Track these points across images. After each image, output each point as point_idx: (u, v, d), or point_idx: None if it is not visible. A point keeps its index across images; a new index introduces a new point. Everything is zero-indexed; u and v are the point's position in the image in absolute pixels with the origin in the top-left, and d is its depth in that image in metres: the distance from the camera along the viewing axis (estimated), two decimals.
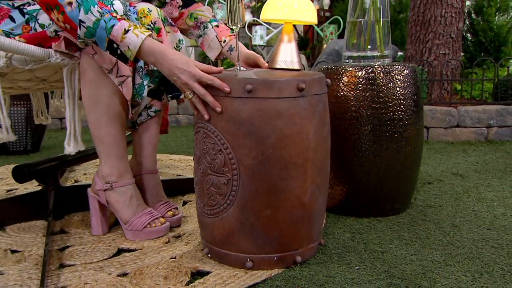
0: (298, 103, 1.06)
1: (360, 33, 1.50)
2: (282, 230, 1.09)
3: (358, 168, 1.44)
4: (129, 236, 1.26)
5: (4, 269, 1.11)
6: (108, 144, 1.24)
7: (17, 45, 1.09)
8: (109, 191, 1.26)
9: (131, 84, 1.20)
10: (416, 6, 3.17)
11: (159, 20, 1.27)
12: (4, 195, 1.66)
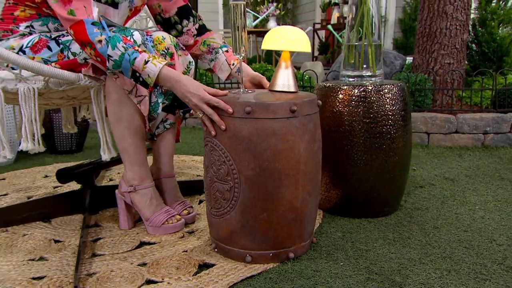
0: (291, 122, 1.15)
1: (355, 55, 1.57)
2: (276, 230, 1.19)
3: (351, 175, 1.52)
4: (150, 231, 1.38)
5: (48, 256, 1.25)
6: (131, 154, 1.36)
7: (53, 71, 1.23)
8: (132, 193, 1.38)
9: (148, 102, 1.31)
10: (423, 19, 3.18)
11: (172, 46, 1.37)
12: (52, 191, 1.81)
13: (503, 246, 1.31)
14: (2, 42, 1.31)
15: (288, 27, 1.24)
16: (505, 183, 1.90)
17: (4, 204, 1.66)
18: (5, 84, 1.24)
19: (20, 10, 1.34)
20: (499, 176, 2.01)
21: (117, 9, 1.38)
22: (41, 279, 1.12)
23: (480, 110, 2.71)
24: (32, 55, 1.29)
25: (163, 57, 1.33)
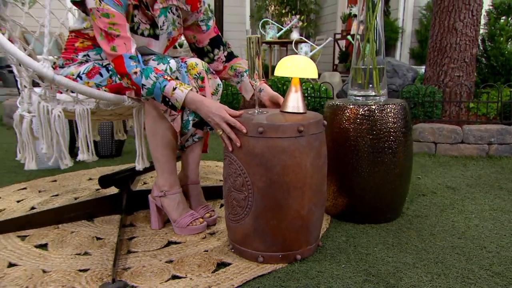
0: (298, 141, 1.23)
1: (361, 77, 1.63)
2: (285, 235, 1.27)
3: (356, 185, 1.58)
4: (176, 231, 1.49)
5: (91, 251, 1.37)
6: (163, 163, 1.48)
7: (103, 94, 1.36)
8: (163, 197, 1.50)
9: (179, 120, 1.42)
10: (435, 34, 3.19)
11: (203, 70, 1.48)
12: (94, 193, 1.95)
13: (492, 253, 1.35)
14: (64, 69, 1.46)
15: (298, 57, 1.33)
16: (503, 193, 1.92)
17: (56, 204, 1.80)
18: (65, 105, 1.39)
19: (79, 42, 1.48)
20: (498, 185, 2.02)
21: (158, 40, 1.50)
22: (85, 271, 1.24)
23: (487, 122, 2.70)
24: (87, 80, 1.42)
25: (194, 81, 1.44)
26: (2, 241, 1.44)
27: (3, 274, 1.23)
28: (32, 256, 1.34)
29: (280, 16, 8.91)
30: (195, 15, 1.58)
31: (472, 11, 3.02)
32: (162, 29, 1.48)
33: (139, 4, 1.39)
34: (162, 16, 1.47)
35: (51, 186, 2.05)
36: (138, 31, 1.43)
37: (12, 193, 1.93)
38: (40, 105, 1.36)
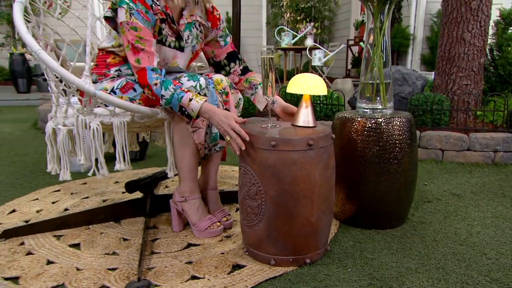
0: (308, 154, 1.28)
1: (369, 91, 1.67)
2: (295, 241, 1.32)
3: (363, 192, 1.62)
4: (196, 234, 1.55)
5: (119, 251, 1.44)
6: (186, 171, 1.54)
7: (139, 108, 1.44)
8: (183, 202, 1.56)
9: (202, 133, 1.48)
10: (443, 44, 3.18)
11: (227, 86, 1.54)
12: (121, 196, 2.03)
13: (492, 259, 1.38)
14: (97, 84, 1.52)
15: (309, 75, 1.37)
16: (506, 200, 1.92)
17: (86, 205, 1.89)
18: (102, 118, 1.46)
19: (111, 58, 1.56)
20: (502, 193, 2.03)
21: (183, 52, 1.57)
22: (114, 270, 1.31)
23: (493, 130, 2.69)
24: (121, 95, 1.48)
25: (220, 95, 1.51)
26: (41, 240, 1.53)
27: (43, 270, 1.32)
28: (67, 254, 1.42)
29: (295, 23, 8.92)
30: (214, 31, 1.66)
31: (480, 22, 3.01)
32: (187, 42, 1.56)
33: (165, 18, 1.47)
34: (187, 31, 1.55)
35: (81, 188, 2.14)
36: (166, 43, 1.51)
37: (48, 195, 2.03)
38: (79, 119, 1.44)
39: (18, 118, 4.57)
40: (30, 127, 3.98)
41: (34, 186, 2.19)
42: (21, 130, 3.83)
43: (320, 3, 8.83)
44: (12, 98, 5.64)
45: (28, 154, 2.90)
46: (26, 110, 5.12)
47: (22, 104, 5.58)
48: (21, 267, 1.33)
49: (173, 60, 1.56)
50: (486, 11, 3.00)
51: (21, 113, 4.96)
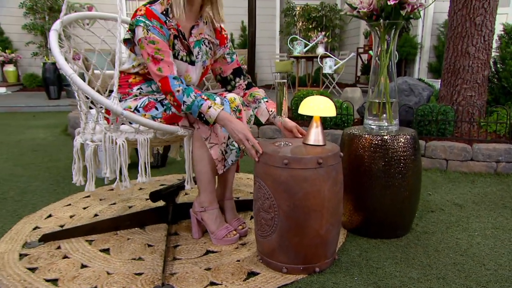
0: (318, 171, 1.32)
1: (376, 109, 1.70)
2: (306, 251, 1.36)
3: (370, 204, 1.65)
4: (214, 242, 1.60)
5: (144, 257, 1.50)
6: (204, 183, 1.59)
7: (161, 126, 1.50)
8: (203, 212, 1.62)
9: (217, 149, 1.53)
10: (449, 57, 3.17)
11: (240, 104, 1.58)
12: (145, 203, 2.10)
13: (490, 270, 1.40)
14: (122, 102, 1.59)
15: (319, 97, 1.41)
16: (507, 211, 1.93)
17: (114, 211, 1.97)
18: (127, 135, 1.53)
19: (132, 78, 1.63)
20: (503, 204, 2.03)
21: (194, 66, 1.63)
22: (140, 275, 1.38)
23: (495, 140, 2.68)
24: (144, 113, 1.54)
25: (233, 112, 1.54)
26: (75, 244, 1.61)
27: (78, 273, 1.39)
28: (98, 259, 1.49)
29: (307, 31, 8.94)
30: (222, 49, 1.73)
31: (484, 36, 3.00)
32: (197, 57, 1.62)
33: (177, 35, 1.54)
34: (196, 47, 1.62)
35: (109, 194, 2.22)
36: (178, 57, 1.57)
37: (79, 201, 2.11)
38: (106, 136, 1.51)
39: (50, 123, 4.70)
40: (61, 133, 4.10)
41: (67, 191, 2.27)
42: (53, 136, 3.96)
43: (331, 12, 8.83)
44: (44, 104, 5.80)
45: (60, 159, 3.01)
46: (56, 116, 5.27)
47: (53, 110, 5.74)
48: (59, 270, 1.41)
49: (186, 73, 1.61)
50: (490, 26, 2.99)
51: (52, 118, 5.10)
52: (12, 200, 2.12)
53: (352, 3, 1.61)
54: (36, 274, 1.38)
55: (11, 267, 1.43)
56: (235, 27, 8.92)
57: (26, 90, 7.71)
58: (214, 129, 1.51)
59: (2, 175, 2.58)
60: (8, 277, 1.37)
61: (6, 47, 7.71)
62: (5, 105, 5.68)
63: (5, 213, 1.95)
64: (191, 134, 1.57)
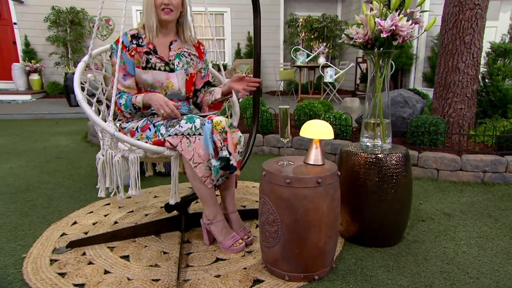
0: (317, 190, 1.37)
1: (371, 128, 1.75)
2: (306, 261, 1.42)
3: (365, 216, 1.69)
4: (222, 250, 1.65)
5: (160, 264, 1.56)
6: (205, 199, 1.63)
7: (148, 147, 1.57)
8: (210, 225, 1.67)
9: (202, 167, 1.54)
10: (440, 72, 3.21)
11: (226, 126, 1.60)
12: (159, 210, 2.16)
13: (473, 278, 1.44)
14: (128, 123, 1.69)
15: (319, 122, 1.46)
16: (491, 221, 1.96)
17: (131, 218, 2.04)
18: (123, 153, 1.61)
19: None
20: (487, 213, 2.06)
21: (174, 73, 1.71)
22: (157, 281, 1.44)
23: (483, 152, 2.71)
24: (141, 133, 1.63)
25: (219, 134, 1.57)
26: (98, 250, 1.68)
27: (102, 279, 1.45)
28: (119, 265, 1.56)
29: (310, 41, 8.97)
30: (201, 62, 1.83)
31: (473, 54, 3.03)
32: (177, 66, 1.72)
33: (149, 51, 1.67)
34: (177, 59, 1.74)
35: (127, 202, 2.29)
36: (156, 67, 1.68)
37: (100, 208, 2.18)
38: (107, 152, 1.59)
39: (71, 130, 4.79)
40: (81, 140, 4.19)
41: (89, 198, 2.35)
42: (75, 143, 4.04)
43: (332, 24, 8.85)
44: (65, 111, 5.90)
45: (81, 167, 3.09)
46: (77, 123, 5.36)
47: (74, 117, 5.83)
48: (85, 275, 1.48)
49: (167, 80, 1.70)
50: (478, 44, 3.02)
51: (73, 125, 5.19)
52: (41, 207, 2.20)
53: (349, 34, 1.66)
54: (66, 279, 1.45)
55: (44, 271, 1.50)
56: (241, 37, 8.98)
57: (49, 97, 7.84)
58: (196, 150, 1.54)
59: (31, 182, 2.66)
60: (41, 281, 1.44)
61: (32, 57, 7.84)
62: (31, 112, 5.80)
63: (36, 219, 2.02)
64: (177, 155, 1.60)
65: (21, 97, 7.31)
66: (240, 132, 1.71)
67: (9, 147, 3.81)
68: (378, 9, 1.60)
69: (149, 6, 1.62)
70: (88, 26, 8.02)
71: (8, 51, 7.96)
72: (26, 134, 4.53)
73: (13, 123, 5.35)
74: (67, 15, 7.70)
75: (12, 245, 1.73)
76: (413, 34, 1.57)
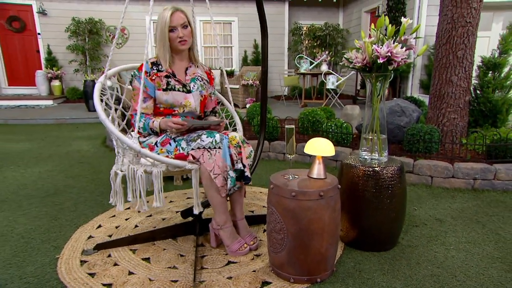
0: (319, 202, 1.45)
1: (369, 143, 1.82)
2: (309, 266, 1.50)
3: (363, 223, 1.76)
4: (230, 254, 1.72)
5: (178, 266, 1.65)
6: (218, 206, 1.71)
7: (170, 161, 1.65)
8: (219, 229, 1.75)
9: (220, 178, 1.63)
10: (435, 84, 3.26)
11: (240, 141, 1.70)
12: (175, 215, 2.25)
13: (460, 281, 1.51)
14: (147, 138, 1.77)
15: (321, 140, 1.54)
16: (478, 226, 2.02)
17: (150, 222, 2.13)
18: (145, 167, 1.68)
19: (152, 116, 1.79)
20: (476, 219, 2.12)
21: (191, 94, 1.81)
22: (175, 282, 1.53)
23: (474, 160, 2.76)
24: (161, 148, 1.71)
25: (234, 148, 1.67)
26: (122, 252, 1.77)
27: (127, 279, 1.55)
28: (141, 267, 1.65)
29: (313, 48, 9.01)
30: (211, 87, 1.93)
31: (465, 67, 3.08)
32: (193, 88, 1.82)
33: (169, 75, 1.76)
34: (192, 82, 1.83)
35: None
36: (175, 89, 1.78)
37: (122, 213, 2.28)
38: (129, 167, 1.67)
39: (91, 135, 4.90)
40: (100, 145, 4.29)
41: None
42: (95, 147, 4.14)
43: (334, 32, 8.88)
44: (85, 116, 6.02)
45: (102, 172, 3.18)
46: (96, 127, 5.47)
47: (93, 122, 5.95)
48: (112, 276, 1.57)
49: (185, 100, 1.78)
50: (470, 58, 3.07)
51: (92, 129, 5.31)
52: (68, 210, 2.30)
53: (349, 58, 1.73)
54: (95, 279, 1.55)
55: (75, 271, 1.60)
56: (248, 44, 9.04)
57: (69, 101, 7.98)
58: (216, 162, 1.63)
59: (58, 186, 2.77)
60: (74, 280, 1.54)
61: (53, 65, 7.99)
62: (54, 117, 5.93)
63: (65, 222, 2.13)
64: (197, 168, 1.68)
65: (44, 102, 7.46)
66: (247, 139, 1.83)
67: (36, 151, 3.93)
68: (375, 36, 1.67)
69: (162, 41, 1.72)
70: (105, 35, 8.15)
71: (32, 59, 8.12)
72: (49, 139, 4.65)
73: (37, 127, 5.49)
74: (86, 25, 7.83)
75: (46, 246, 1.83)
76: (407, 60, 1.64)
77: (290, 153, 1.56)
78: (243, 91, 6.90)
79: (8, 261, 1.69)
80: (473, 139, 2.93)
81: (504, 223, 2.06)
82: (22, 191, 2.66)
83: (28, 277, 1.56)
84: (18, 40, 8.01)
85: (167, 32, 1.70)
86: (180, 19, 1.70)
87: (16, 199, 2.49)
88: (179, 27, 1.70)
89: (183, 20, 1.71)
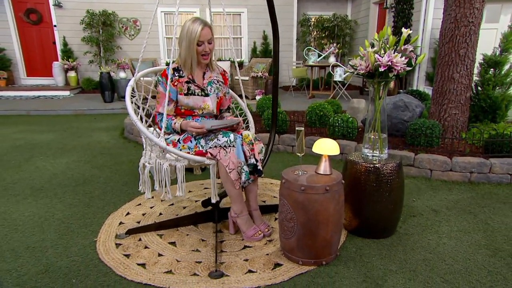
0: (325, 196, 1.65)
1: (371, 141, 1.99)
2: (316, 250, 1.70)
3: (364, 213, 1.95)
4: (246, 239, 1.93)
5: (200, 249, 1.86)
6: (234, 197, 1.90)
7: (191, 157, 1.84)
8: (236, 217, 1.96)
9: (235, 172, 1.82)
10: (437, 81, 3.39)
11: (252, 139, 1.90)
12: (194, 204, 2.46)
13: (448, 265, 1.70)
14: (171, 135, 1.96)
15: (328, 141, 1.72)
16: (470, 217, 2.19)
17: (172, 210, 2.35)
18: (170, 162, 1.88)
19: (177, 119, 1.97)
20: (469, 210, 2.29)
21: (209, 97, 1.99)
22: (199, 263, 1.75)
23: (471, 154, 2.92)
24: (183, 144, 1.90)
25: (248, 146, 1.87)
26: (150, 237, 2.00)
27: (157, 260, 1.77)
28: (169, 249, 1.87)
29: (321, 40, 9.06)
30: (226, 88, 2.09)
31: (467, 65, 3.20)
32: (210, 91, 1.99)
33: (189, 81, 1.94)
34: (209, 86, 2.00)
35: None
36: (195, 93, 1.95)
37: (147, 201, 2.50)
38: (156, 161, 1.88)
39: (109, 126, 5.12)
40: (119, 136, 4.49)
41: (136, 192, 2.66)
42: (114, 139, 4.36)
43: (342, 23, 8.91)
44: (101, 107, 6.25)
45: (123, 162, 3.40)
46: (113, 118, 5.69)
47: (109, 112, 6.18)
48: (144, 257, 1.80)
49: (203, 103, 1.96)
50: (471, 56, 3.18)
51: (109, 121, 5.52)
52: (98, 199, 2.53)
53: (354, 65, 1.90)
54: (130, 259, 1.78)
55: (112, 253, 1.83)
56: (257, 36, 9.12)
57: (84, 92, 8.22)
58: (231, 158, 1.81)
59: (86, 176, 3.01)
60: (112, 260, 1.77)
61: (69, 56, 8.21)
62: (72, 108, 6.17)
63: (97, 209, 2.36)
64: (215, 163, 1.87)
65: (61, 93, 7.70)
66: (258, 132, 2.01)
67: (60, 142, 4.18)
68: (378, 46, 1.83)
69: (189, 53, 1.88)
70: (118, 27, 8.31)
71: (49, 50, 8.35)
72: (71, 130, 4.89)
73: (58, 118, 5.73)
74: (100, 18, 8.00)
75: (84, 230, 2.07)
76: (406, 67, 1.80)
77: (300, 151, 1.75)
78: (252, 82, 7.05)
79: (55, 241, 1.93)
80: (472, 134, 3.08)
81: (494, 213, 2.23)
82: (55, 180, 2.91)
83: (74, 256, 1.79)
84: (35, 32, 8.23)
85: (196, 46, 1.86)
86: (208, 35, 1.86)
87: (50, 187, 2.74)
88: (206, 42, 1.87)
89: (210, 36, 1.87)
